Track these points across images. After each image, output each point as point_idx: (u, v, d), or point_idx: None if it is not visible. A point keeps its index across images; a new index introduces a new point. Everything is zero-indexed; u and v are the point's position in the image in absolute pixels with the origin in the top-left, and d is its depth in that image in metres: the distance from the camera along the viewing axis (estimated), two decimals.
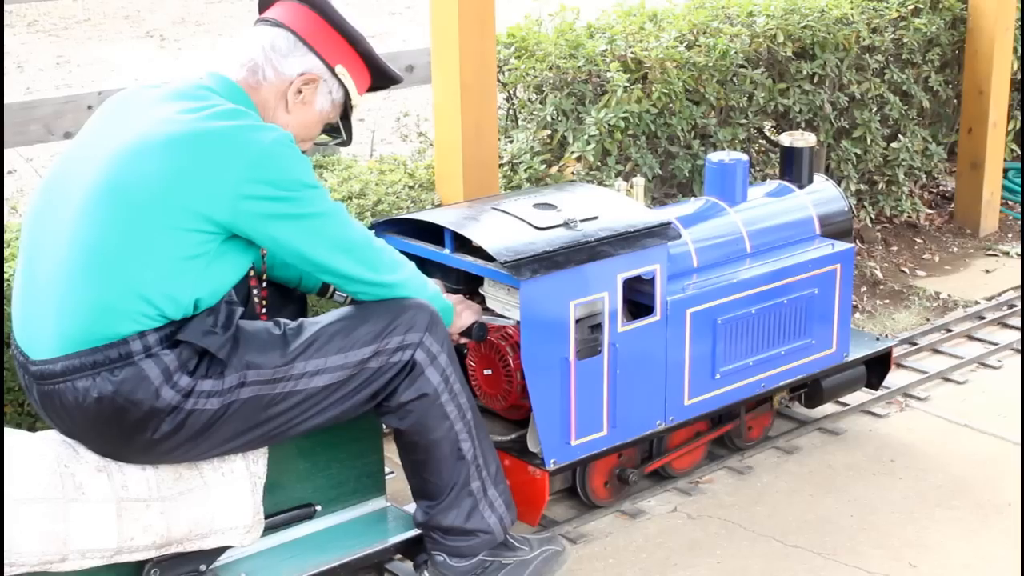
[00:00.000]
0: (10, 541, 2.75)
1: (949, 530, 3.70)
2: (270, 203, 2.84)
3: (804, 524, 3.74)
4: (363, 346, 3.02)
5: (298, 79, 3.01)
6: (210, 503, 2.98)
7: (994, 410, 4.44)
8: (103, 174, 2.83)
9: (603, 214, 3.57)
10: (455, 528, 3.21)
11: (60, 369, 2.83)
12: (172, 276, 2.82)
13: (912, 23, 5.89)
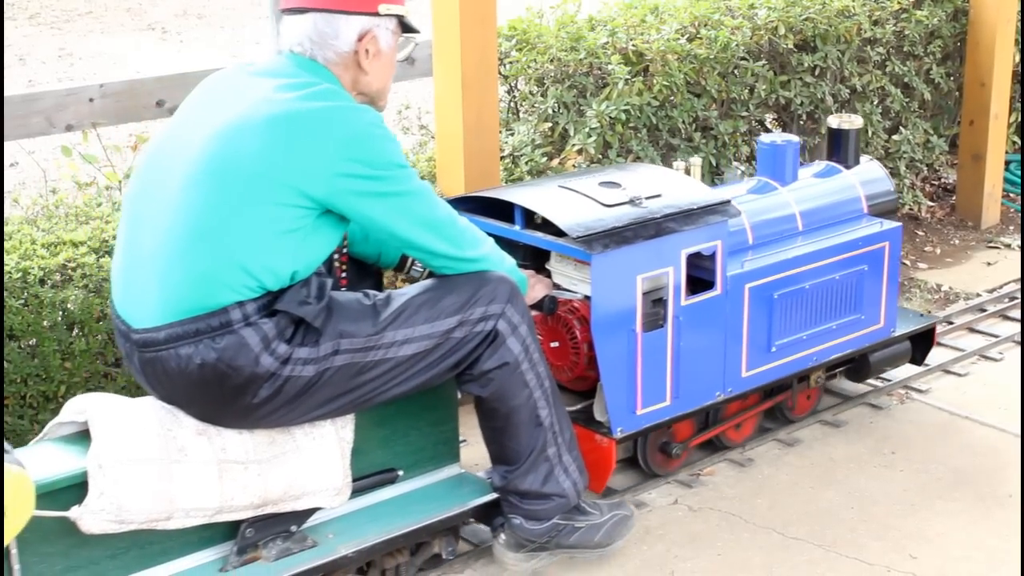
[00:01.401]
0: (120, 499, 2.86)
1: (950, 522, 3.70)
2: (363, 181, 2.98)
3: (805, 516, 3.74)
4: (448, 316, 3.16)
5: (359, 44, 3.12)
6: (303, 466, 3.12)
7: (995, 402, 4.44)
8: (206, 151, 2.96)
9: (666, 192, 3.70)
10: (532, 492, 3.34)
11: (163, 337, 2.96)
12: (271, 249, 2.95)
13: (913, 15, 5.88)
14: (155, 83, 4.47)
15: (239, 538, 3.11)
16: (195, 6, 13.79)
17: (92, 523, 2.85)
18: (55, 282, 3.61)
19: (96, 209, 3.99)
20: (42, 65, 11.08)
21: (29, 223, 3.90)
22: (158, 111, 4.45)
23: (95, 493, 2.85)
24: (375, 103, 3.22)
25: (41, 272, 3.58)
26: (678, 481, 3.94)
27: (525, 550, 3.41)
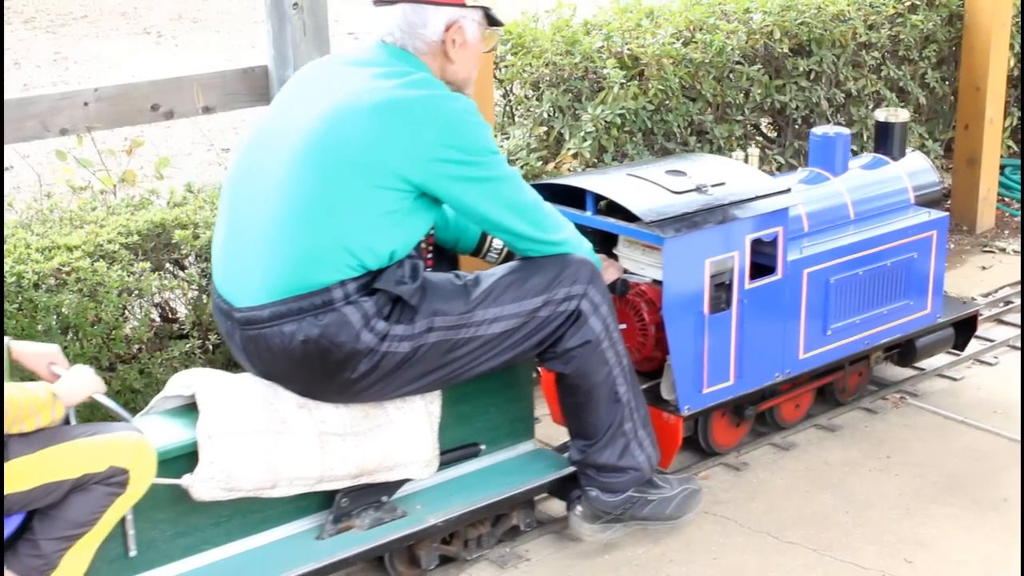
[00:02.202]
0: (229, 468, 3.03)
1: (945, 526, 3.71)
2: (458, 166, 3.14)
3: (800, 520, 3.75)
4: (534, 296, 3.31)
5: (446, 34, 3.26)
6: (396, 438, 3.30)
7: (990, 406, 4.44)
8: (310, 136, 3.12)
9: (729, 180, 3.86)
10: (609, 465, 3.49)
11: (267, 315, 3.12)
12: (372, 229, 3.11)
13: (909, 19, 5.89)
14: (150, 87, 4.46)
15: (335, 507, 3.29)
16: (190, 10, 13.79)
17: (203, 491, 3.03)
18: (50, 287, 3.61)
19: (91, 213, 3.99)
20: (37, 69, 11.08)
21: (24, 227, 3.90)
22: (153, 115, 4.45)
23: (205, 462, 3.02)
24: (461, 91, 3.34)
25: (36, 276, 3.58)
26: None
27: (600, 521, 3.55)
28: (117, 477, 2.82)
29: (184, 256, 4.00)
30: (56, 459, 2.75)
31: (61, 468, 2.76)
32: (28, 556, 2.79)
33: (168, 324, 4.07)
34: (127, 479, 2.83)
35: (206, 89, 4.50)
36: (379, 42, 3.28)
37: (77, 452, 2.78)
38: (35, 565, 2.79)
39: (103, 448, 2.81)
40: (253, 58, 4.67)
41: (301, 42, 4.56)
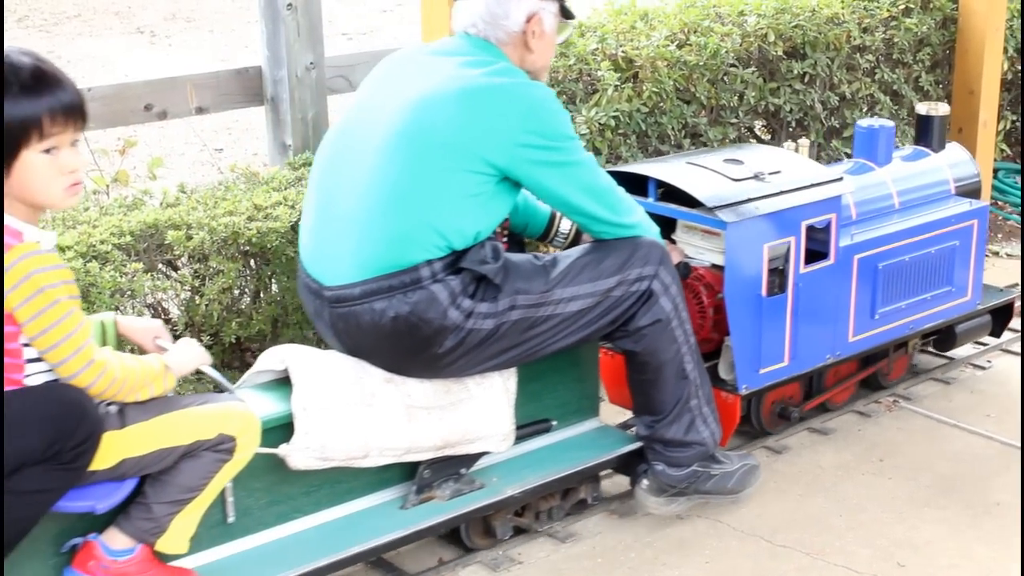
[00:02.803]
0: (323, 439, 3.19)
1: (937, 530, 3.71)
2: (540, 151, 3.30)
3: (793, 523, 3.74)
4: (609, 276, 3.46)
5: (527, 25, 3.42)
6: (477, 413, 3.45)
7: (983, 410, 4.45)
8: (401, 122, 3.28)
9: (785, 169, 4.02)
10: (675, 440, 3.64)
11: (358, 293, 3.27)
12: (459, 211, 3.27)
13: (903, 23, 5.90)
14: (144, 87, 4.46)
15: (417, 479, 3.44)
16: (184, 10, 13.78)
17: (299, 460, 3.19)
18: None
19: (83, 214, 3.98)
20: None
21: None
22: (146, 115, 4.44)
23: (301, 433, 3.17)
24: (537, 79, 3.49)
25: None
26: None
27: (666, 495, 3.69)
28: (225, 444, 2.97)
29: (177, 257, 3.99)
30: (170, 426, 2.90)
31: (174, 435, 2.91)
32: (140, 519, 2.94)
33: None
34: (234, 446, 2.99)
35: (199, 89, 4.50)
36: (461, 33, 3.46)
37: (189, 420, 2.94)
38: (146, 527, 2.95)
39: (213, 417, 2.97)
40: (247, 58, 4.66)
41: (295, 42, 4.56)
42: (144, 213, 3.98)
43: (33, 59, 2.76)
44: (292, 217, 4.03)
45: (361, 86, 3.57)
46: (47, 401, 2.71)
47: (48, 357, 2.74)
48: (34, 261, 2.69)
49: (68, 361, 2.73)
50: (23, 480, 2.69)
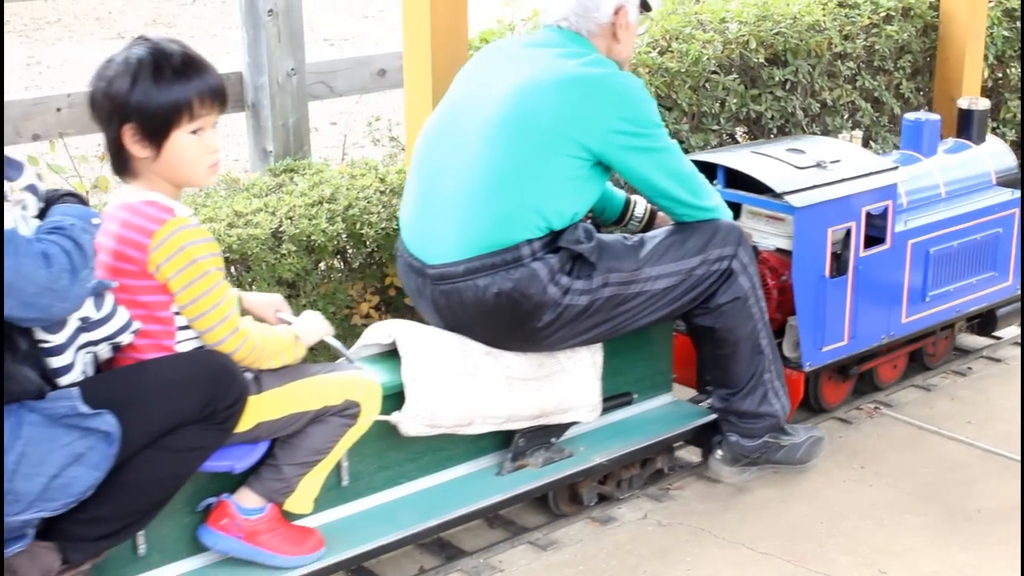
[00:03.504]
0: (432, 407, 3.41)
1: (918, 537, 3.71)
2: (631, 137, 3.53)
3: (774, 530, 3.75)
4: (692, 256, 3.67)
5: (615, 17, 3.67)
6: (569, 384, 3.68)
7: (963, 417, 4.46)
8: (503, 109, 3.51)
9: (844, 158, 4.26)
10: (749, 412, 3.86)
11: (462, 270, 3.50)
12: (557, 193, 3.49)
13: (884, 30, 5.91)
14: None
15: (513, 447, 3.67)
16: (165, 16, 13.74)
17: (410, 427, 3.41)
18: None
19: None
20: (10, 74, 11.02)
21: None
22: None
23: (411, 401, 3.39)
24: (621, 69, 3.70)
25: None
26: (647, 496, 3.94)
27: (739, 464, 3.91)
28: (351, 410, 3.19)
29: None
30: (301, 392, 3.11)
31: (305, 400, 3.12)
32: (271, 479, 3.16)
33: None
34: (359, 412, 3.21)
35: None
36: (552, 26, 3.68)
37: (318, 386, 3.15)
38: (276, 488, 3.16)
39: (340, 384, 3.19)
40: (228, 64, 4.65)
41: (276, 49, 4.56)
42: None
43: (181, 46, 2.95)
44: (272, 224, 4.02)
45: (457, 76, 3.79)
46: (202, 365, 2.92)
47: (196, 325, 2.95)
48: (187, 234, 2.89)
49: (215, 329, 2.95)
50: (180, 438, 2.87)
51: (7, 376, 2.65)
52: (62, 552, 2.83)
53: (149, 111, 2.87)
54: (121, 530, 2.90)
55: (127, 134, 2.90)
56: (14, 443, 2.66)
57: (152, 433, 2.83)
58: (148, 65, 2.87)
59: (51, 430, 2.70)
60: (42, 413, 2.70)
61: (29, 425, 2.68)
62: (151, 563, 3.11)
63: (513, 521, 3.80)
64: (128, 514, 2.88)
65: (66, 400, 2.72)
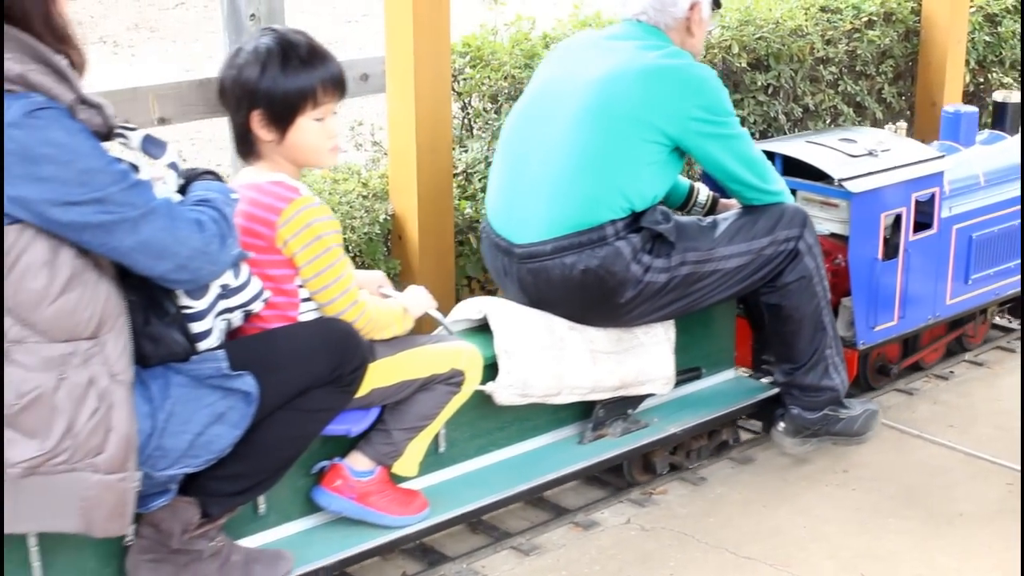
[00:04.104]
0: (524, 377, 3.61)
1: (901, 540, 3.72)
2: (707, 125, 3.73)
3: (757, 535, 3.75)
4: (762, 237, 3.86)
5: (690, 12, 3.87)
6: (646, 358, 3.88)
7: (945, 420, 4.47)
8: (589, 96, 3.70)
9: (893, 147, 4.47)
10: (811, 386, 4.03)
11: (550, 249, 3.70)
12: (640, 176, 3.69)
13: (866, 35, 5.93)
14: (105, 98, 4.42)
15: (593, 417, 3.88)
16: (148, 20, 13.68)
17: (503, 396, 3.60)
18: None
19: None
20: None
21: None
22: None
23: (504, 372, 3.58)
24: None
25: None
26: (630, 500, 3.95)
27: (801, 436, 4.08)
28: (456, 378, 3.39)
29: None
30: (411, 361, 3.31)
31: (415, 368, 3.32)
32: (381, 443, 3.35)
33: None
34: (463, 380, 3.41)
35: (162, 100, 4.46)
36: (632, 20, 3.88)
37: (427, 356, 3.35)
38: (386, 451, 3.36)
39: (446, 354, 3.39)
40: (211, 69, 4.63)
41: None
42: None
43: (306, 37, 3.16)
44: None
45: (541, 66, 4.02)
46: (331, 332, 3.11)
47: (319, 297, 3.15)
48: (313, 212, 3.09)
49: (337, 300, 3.16)
50: (310, 400, 3.06)
51: (157, 338, 2.82)
52: (202, 507, 3.02)
53: (276, 97, 3.07)
54: (254, 486, 3.09)
55: (255, 119, 3.10)
56: (163, 402, 2.82)
57: (286, 394, 3.02)
58: (276, 55, 3.07)
59: (197, 390, 2.87)
60: (188, 374, 2.87)
61: (177, 386, 2.85)
62: (269, 522, 3.32)
63: (496, 526, 3.79)
64: (261, 471, 3.07)
65: (212, 362, 2.90)
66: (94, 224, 2.58)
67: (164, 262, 2.69)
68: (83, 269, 2.65)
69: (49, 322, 2.61)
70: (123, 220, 2.61)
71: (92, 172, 2.57)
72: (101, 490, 2.69)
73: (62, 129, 2.54)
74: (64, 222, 2.57)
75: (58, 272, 2.61)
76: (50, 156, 2.52)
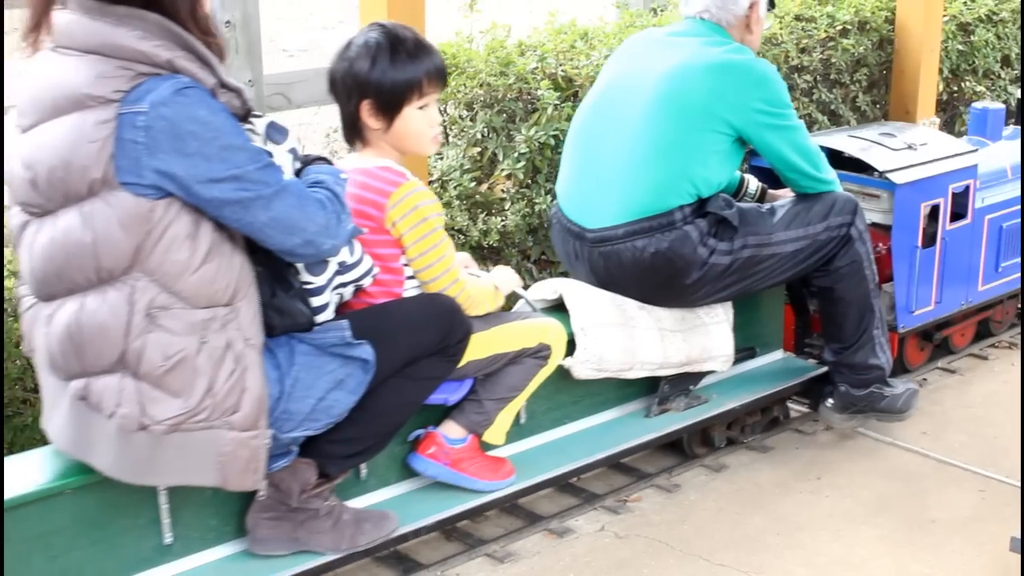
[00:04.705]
0: (600, 353, 3.81)
1: (874, 547, 3.73)
2: (768, 116, 3.94)
3: (731, 542, 3.75)
4: (817, 223, 4.07)
5: (750, 11, 4.09)
6: (709, 336, 4.10)
7: (918, 427, 4.48)
8: (659, 89, 3.91)
9: (930, 142, 4.72)
10: (859, 364, 4.24)
11: (622, 233, 3.90)
12: (706, 164, 3.90)
13: (840, 44, 5.96)
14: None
15: (659, 392, 4.10)
16: None
17: (581, 370, 3.80)
18: None
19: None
20: None
21: None
22: None
23: (581, 348, 3.78)
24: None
25: None
26: (604, 508, 3.94)
27: (848, 412, 4.29)
28: (543, 352, 3.58)
29: None
30: (503, 335, 3.51)
31: (506, 342, 3.51)
32: (473, 413, 3.56)
33: None
34: (549, 354, 3.60)
35: None
36: (694, 18, 4.09)
37: (517, 331, 3.55)
38: (477, 420, 3.56)
39: (534, 329, 3.58)
40: None
41: (233, 60, 4.53)
42: None
43: (412, 32, 3.40)
44: None
45: (607, 64, 4.21)
46: (438, 305, 3.33)
47: (423, 275, 3.37)
48: (419, 195, 3.33)
49: (440, 278, 3.37)
50: (419, 368, 3.28)
51: (282, 310, 3.03)
52: (319, 468, 3.24)
53: (385, 88, 3.30)
54: (367, 449, 3.31)
55: (364, 108, 3.33)
56: (290, 369, 3.03)
57: (398, 363, 3.22)
58: (385, 48, 3.31)
59: (319, 358, 3.08)
60: (311, 343, 3.09)
61: (301, 354, 3.06)
62: (370, 487, 3.53)
63: (470, 533, 3.78)
64: (373, 435, 3.29)
65: (337, 331, 3.11)
66: (233, 200, 2.77)
67: (294, 237, 2.88)
68: (220, 242, 2.84)
69: (192, 290, 2.80)
70: (258, 197, 2.80)
71: (232, 149, 2.75)
72: (236, 446, 2.89)
73: (206, 107, 2.72)
74: (207, 198, 2.75)
75: (199, 244, 2.79)
76: (195, 133, 2.70)
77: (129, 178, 2.69)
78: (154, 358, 2.78)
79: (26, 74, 2.85)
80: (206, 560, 3.21)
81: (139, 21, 2.72)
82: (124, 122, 2.67)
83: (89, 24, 2.73)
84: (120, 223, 2.71)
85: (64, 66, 2.75)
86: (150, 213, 2.72)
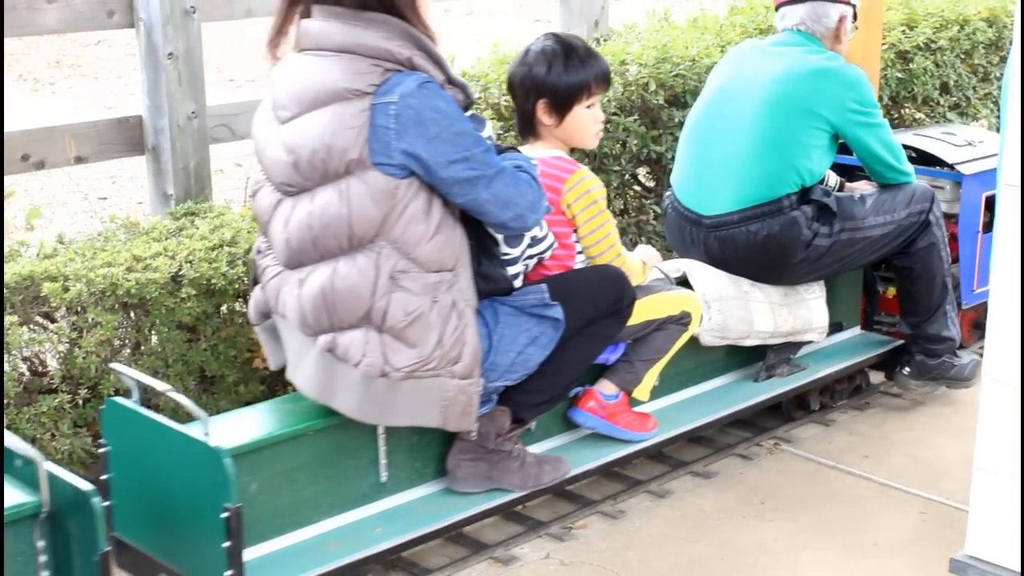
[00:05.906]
0: (723, 322, 4.25)
1: (817, 571, 3.56)
2: (860, 115, 4.35)
3: (676, 568, 3.58)
4: (901, 209, 4.47)
5: (839, 23, 4.46)
6: (810, 310, 4.47)
7: (860, 451, 4.32)
8: (768, 91, 4.32)
9: (985, 139, 5.10)
10: (934, 336, 4.60)
11: (737, 218, 4.30)
12: (809, 157, 4.30)
13: None
14: (21, 136, 4.27)
15: (766, 360, 4.46)
16: (69, 56, 13.51)
17: (707, 338, 4.20)
18: None
19: None
20: None
21: None
22: (24, 165, 4.21)
23: (707, 319, 4.16)
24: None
25: None
26: (549, 535, 3.75)
27: (922, 379, 4.65)
28: (684, 319, 3.96)
29: (54, 309, 3.78)
30: (653, 304, 3.89)
31: (655, 310, 3.89)
32: (625, 372, 3.93)
33: (37, 378, 3.97)
34: (689, 321, 3.97)
35: (79, 139, 4.40)
36: (792, 30, 4.48)
37: (663, 300, 3.92)
38: (628, 379, 3.93)
39: (677, 299, 3.95)
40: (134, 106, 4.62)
41: (176, 92, 4.48)
42: (20, 265, 3.78)
43: (582, 41, 3.83)
44: (172, 268, 3.74)
45: (714, 71, 4.60)
46: (611, 274, 3.71)
47: (591, 250, 3.81)
48: (590, 181, 3.77)
49: (606, 253, 3.81)
50: (598, 328, 3.65)
51: (488, 276, 3.44)
52: (513, 414, 3.58)
53: (560, 89, 3.72)
54: (552, 398, 3.66)
55: (540, 107, 3.75)
56: (495, 327, 3.42)
57: (581, 323, 3.55)
58: (560, 54, 3.73)
59: (518, 318, 3.46)
60: (512, 305, 3.46)
61: (504, 314, 3.44)
62: (536, 437, 3.89)
63: (415, 562, 3.63)
64: (558, 385, 3.64)
65: (536, 293, 3.49)
66: (463, 179, 3.18)
67: (508, 211, 3.29)
68: (447, 216, 3.25)
69: (425, 256, 3.20)
70: (482, 176, 3.21)
71: (463, 135, 3.17)
72: (457, 392, 3.27)
73: (442, 99, 3.15)
74: (443, 178, 3.16)
75: (432, 218, 3.20)
76: (435, 120, 3.12)
77: (380, 159, 3.12)
78: (397, 314, 3.18)
79: (280, 74, 3.29)
80: (414, 496, 3.59)
81: (383, 24, 3.14)
82: (377, 111, 3.10)
83: (342, 28, 3.15)
84: (371, 198, 3.11)
85: (319, 65, 3.16)
86: (395, 190, 3.12)
